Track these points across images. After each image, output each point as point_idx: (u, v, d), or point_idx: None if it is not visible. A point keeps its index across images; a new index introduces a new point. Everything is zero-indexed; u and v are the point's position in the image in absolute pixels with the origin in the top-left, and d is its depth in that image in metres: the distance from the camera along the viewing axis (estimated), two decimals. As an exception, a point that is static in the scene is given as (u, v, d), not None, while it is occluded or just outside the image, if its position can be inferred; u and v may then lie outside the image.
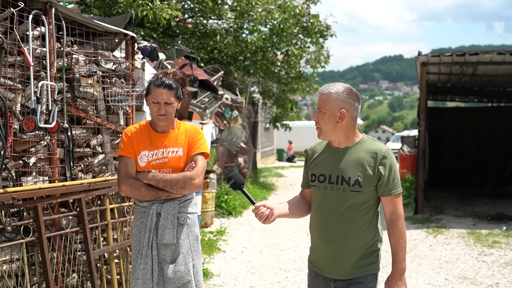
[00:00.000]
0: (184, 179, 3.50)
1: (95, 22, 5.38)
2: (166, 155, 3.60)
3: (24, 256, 4.28)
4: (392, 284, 2.97)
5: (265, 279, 6.49)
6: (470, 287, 6.25)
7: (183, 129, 3.70)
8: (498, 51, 10.12)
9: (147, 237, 3.54)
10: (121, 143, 3.67)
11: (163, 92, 3.52)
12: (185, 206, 3.63)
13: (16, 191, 4.11)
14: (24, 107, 4.39)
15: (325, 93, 3.00)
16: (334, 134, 3.01)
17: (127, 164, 3.58)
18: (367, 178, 2.94)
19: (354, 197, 2.96)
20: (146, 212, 3.56)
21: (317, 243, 3.10)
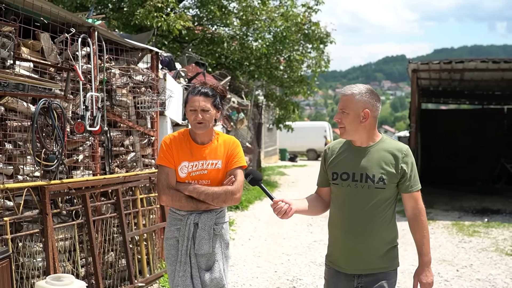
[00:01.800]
0: (226, 193, 3.58)
1: (126, 40, 6.38)
2: (206, 167, 3.65)
3: (75, 235, 5.27)
4: (422, 275, 3.09)
5: (269, 261, 7.46)
6: (447, 267, 7.22)
7: (222, 141, 3.74)
8: (482, 59, 11.10)
9: (185, 245, 3.62)
10: (161, 152, 3.72)
11: (199, 99, 3.59)
12: (221, 216, 3.72)
13: (69, 182, 5.12)
14: (73, 113, 5.38)
15: (348, 94, 3.08)
16: (357, 134, 3.10)
17: (168, 175, 3.64)
18: (390, 175, 3.05)
19: (378, 194, 3.06)
20: (184, 221, 3.65)
21: (340, 240, 3.17)
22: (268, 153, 27.85)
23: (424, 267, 3.09)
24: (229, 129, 12.70)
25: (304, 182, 17.64)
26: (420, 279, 3.09)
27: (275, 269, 7.06)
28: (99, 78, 5.66)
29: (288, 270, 7.00)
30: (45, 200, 4.77)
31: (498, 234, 9.28)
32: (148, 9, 11.38)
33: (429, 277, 3.09)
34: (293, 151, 31.64)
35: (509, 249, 8.16)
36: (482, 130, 17.10)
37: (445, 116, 18.97)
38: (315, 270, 6.96)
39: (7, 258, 3.97)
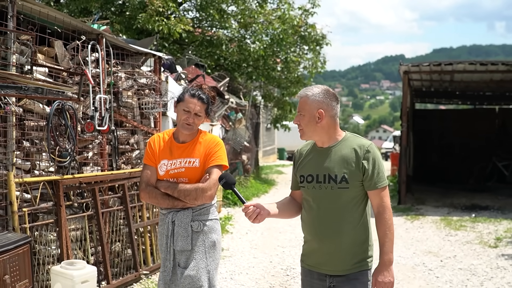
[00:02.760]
0: (196, 190, 3.60)
1: (131, 46, 6.84)
2: (184, 165, 3.69)
3: (86, 226, 5.73)
4: (379, 275, 3.00)
5: (265, 252, 7.92)
6: (432, 258, 7.69)
7: (203, 140, 3.77)
8: (470, 62, 11.58)
9: (165, 243, 3.71)
10: (145, 151, 3.85)
11: (196, 103, 3.66)
12: (201, 214, 3.70)
13: (81, 177, 5.59)
14: (84, 114, 5.84)
15: (303, 96, 3.10)
16: (316, 134, 3.09)
17: (148, 173, 3.75)
18: (352, 173, 3.00)
19: (342, 194, 3.02)
20: (164, 220, 3.73)
21: (311, 242, 3.17)
22: (266, 152, 28.27)
23: (383, 266, 3.00)
24: (228, 129, 13.17)
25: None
26: (377, 278, 3.01)
27: (270, 259, 7.53)
28: (107, 81, 6.12)
29: (282, 261, 7.46)
30: (59, 193, 5.24)
31: (484, 228, 9.75)
32: (150, 13, 11.84)
33: (386, 276, 2.99)
34: (292, 150, 32.03)
35: (493, 242, 8.63)
36: (474, 130, 17.56)
37: (438, 116, 19.47)
38: (308, 260, 7.41)
39: (27, 243, 4.42)
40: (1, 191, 4.76)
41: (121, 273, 6.21)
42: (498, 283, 6.45)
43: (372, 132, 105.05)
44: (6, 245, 4.20)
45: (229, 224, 9.79)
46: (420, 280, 6.62)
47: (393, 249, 3.01)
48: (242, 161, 14.64)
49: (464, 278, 6.65)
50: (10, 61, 4.79)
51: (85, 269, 4.97)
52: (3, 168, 4.79)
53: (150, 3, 11.89)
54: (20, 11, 5.00)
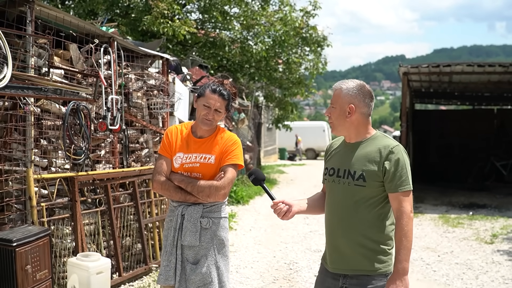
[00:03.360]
0: (210, 188, 3.56)
1: (140, 48, 7.12)
2: (199, 160, 3.65)
3: (98, 220, 6.00)
4: (391, 284, 2.85)
5: (269, 248, 8.19)
6: (430, 253, 7.96)
7: (221, 137, 3.73)
8: (468, 63, 11.86)
9: (172, 236, 3.66)
10: (162, 142, 3.80)
11: (217, 99, 3.64)
12: (212, 211, 3.67)
13: (94, 174, 5.86)
14: (96, 114, 6.11)
15: (337, 89, 3.06)
16: (344, 129, 3.04)
17: (163, 164, 3.70)
18: (371, 173, 2.92)
19: (359, 191, 2.94)
20: (174, 212, 3.69)
21: (327, 237, 3.13)
22: (267, 152, 28.52)
23: (396, 275, 2.84)
24: (231, 128, 13.44)
25: (302, 180, 18.40)
26: (389, 286, 2.85)
27: (273, 254, 7.80)
28: (118, 82, 6.40)
29: (285, 256, 7.73)
30: (74, 189, 5.51)
31: (481, 226, 10.02)
32: (155, 16, 12.10)
33: (399, 286, 2.82)
34: (292, 150, 32.31)
35: (489, 238, 8.90)
36: (473, 130, 17.85)
37: (437, 116, 19.76)
38: (310, 255, 7.69)
39: (47, 236, 4.69)
40: (20, 187, 5.03)
41: (131, 267, 6.48)
42: (492, 277, 6.72)
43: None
44: (28, 237, 4.47)
45: (233, 221, 10.06)
46: (418, 274, 6.89)
47: (409, 258, 2.85)
48: (244, 160, 14.91)
49: (460, 272, 6.92)
50: (29, 63, 5.05)
51: (100, 261, 5.24)
52: (22, 165, 5.06)
53: (156, 5, 12.15)
54: (38, 16, 5.26)
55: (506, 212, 11.59)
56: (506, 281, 6.54)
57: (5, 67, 4.48)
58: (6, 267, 4.35)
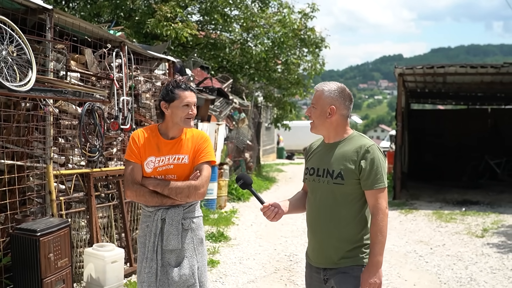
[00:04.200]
0: (189, 188, 3.50)
1: (149, 52, 7.51)
2: (172, 161, 3.58)
3: (111, 214, 6.40)
4: (366, 276, 2.99)
5: (269, 241, 8.60)
6: (423, 246, 8.37)
7: (190, 136, 3.69)
8: (461, 64, 12.29)
9: (152, 241, 3.56)
10: (128, 148, 3.67)
11: (192, 95, 3.61)
12: (190, 211, 3.63)
13: (107, 170, 6.26)
14: (108, 114, 6.51)
15: (319, 90, 3.15)
16: (324, 129, 3.15)
17: (134, 170, 3.58)
18: (349, 171, 3.03)
19: (337, 190, 3.06)
20: (152, 217, 3.58)
21: (308, 234, 3.26)
22: (266, 151, 28.86)
23: (371, 267, 2.99)
24: (231, 128, 13.85)
25: (300, 178, 18.68)
26: (364, 278, 3.00)
27: (274, 247, 8.20)
28: (128, 84, 6.80)
29: (285, 249, 8.14)
30: (90, 184, 5.91)
31: (472, 221, 10.44)
32: (158, 19, 12.49)
33: (372, 278, 2.97)
34: (290, 149, 32.67)
35: (480, 233, 9.32)
36: (468, 129, 18.27)
37: (432, 115, 20.20)
38: (309, 248, 8.08)
39: (67, 227, 5.09)
40: (41, 182, 5.43)
41: (140, 258, 6.86)
42: (481, 267, 7.14)
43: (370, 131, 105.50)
44: (50, 227, 4.87)
45: (234, 217, 10.46)
46: (411, 264, 7.30)
47: (383, 252, 3.02)
48: (245, 159, 15.32)
49: (450, 263, 7.34)
50: (48, 67, 5.45)
51: (115, 251, 5.66)
52: (42, 161, 5.46)
53: (159, 9, 12.54)
54: (56, 23, 5.66)
55: (498, 208, 12.01)
56: (493, 271, 6.95)
57: (30, 71, 4.87)
58: (31, 255, 4.75)
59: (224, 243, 8.31)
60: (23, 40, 4.90)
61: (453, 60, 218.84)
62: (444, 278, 6.66)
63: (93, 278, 5.58)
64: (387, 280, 6.53)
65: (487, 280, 6.58)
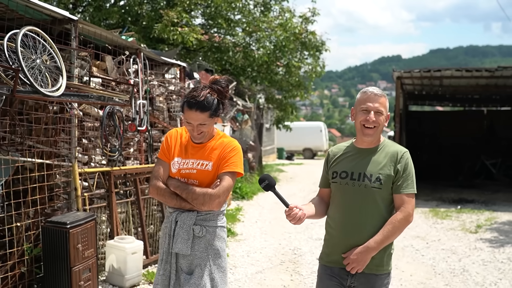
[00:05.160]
0: (204, 196, 3.39)
1: (162, 58, 8.00)
2: (196, 166, 3.50)
3: (129, 209, 6.88)
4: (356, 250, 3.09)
5: (274, 237, 9.08)
6: (419, 241, 8.86)
7: (219, 143, 3.55)
8: (456, 68, 12.82)
9: (167, 243, 3.53)
10: (161, 145, 3.66)
11: (196, 115, 3.37)
12: (206, 219, 3.49)
13: (126, 169, 6.74)
14: (126, 116, 6.98)
15: (384, 96, 3.20)
16: (378, 134, 3.22)
17: (160, 168, 3.56)
18: (387, 176, 3.10)
19: (375, 194, 3.09)
20: (169, 218, 3.55)
21: (336, 238, 3.20)
22: (266, 152, 29.26)
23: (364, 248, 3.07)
24: (235, 129, 14.34)
25: (301, 178, 19.32)
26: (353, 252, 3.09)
27: (279, 242, 8.68)
28: (144, 88, 7.27)
29: (290, 243, 8.61)
30: (111, 182, 6.39)
31: (467, 218, 10.93)
32: (165, 24, 12.97)
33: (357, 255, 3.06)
34: (290, 150, 33.14)
35: (473, 229, 9.81)
36: (464, 130, 18.79)
37: (430, 117, 20.73)
38: (312, 243, 8.57)
39: (93, 220, 5.56)
40: (66, 179, 5.90)
41: (154, 251, 7.34)
42: (474, 260, 7.62)
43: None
44: (78, 220, 5.34)
45: (239, 214, 10.94)
46: (408, 258, 7.78)
47: (383, 244, 3.05)
48: (248, 159, 15.81)
49: (445, 256, 7.82)
50: (73, 73, 5.92)
51: (134, 243, 6.13)
52: (68, 160, 5.93)
53: (166, 14, 13.03)
54: (81, 32, 6.14)
55: (492, 206, 12.51)
56: (485, 263, 7.44)
57: (60, 77, 5.34)
58: (61, 246, 5.22)
59: (231, 238, 8.79)
60: (54, 49, 5.36)
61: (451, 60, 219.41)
62: (438, 269, 7.14)
63: (114, 268, 6.06)
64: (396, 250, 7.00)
65: (478, 271, 7.06)
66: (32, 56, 5.06)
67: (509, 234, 9.32)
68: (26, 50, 5.02)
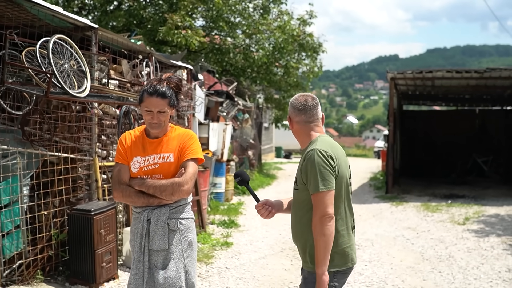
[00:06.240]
0: (173, 185, 3.44)
1: (171, 61, 8.62)
2: (157, 161, 3.54)
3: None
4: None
5: (275, 228, 9.71)
6: (410, 232, 9.50)
7: (176, 134, 3.64)
8: (447, 70, 13.50)
9: (138, 242, 3.53)
10: (117, 149, 3.66)
11: (156, 101, 3.46)
12: (177, 212, 3.56)
13: (139, 163, 7.35)
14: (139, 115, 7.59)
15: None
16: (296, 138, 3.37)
17: (120, 171, 3.56)
18: (299, 177, 3.19)
19: (298, 196, 3.20)
20: (139, 218, 3.55)
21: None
22: (264, 150, 29.79)
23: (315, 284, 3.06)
24: (236, 128, 14.96)
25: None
26: None
27: (279, 232, 9.32)
28: (155, 89, 7.88)
29: (289, 234, 9.12)
30: (127, 174, 7.00)
31: (456, 211, 11.58)
32: (169, 27, 13.59)
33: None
34: (288, 149, 33.75)
35: (462, 221, 10.45)
36: (457, 129, 19.42)
37: (424, 116, 21.39)
38: (310, 233, 9.19)
39: (114, 208, 6.19)
40: (87, 172, 6.52)
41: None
42: (459, 247, 8.27)
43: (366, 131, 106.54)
44: (101, 208, 5.97)
45: (241, 208, 11.57)
46: (399, 246, 8.42)
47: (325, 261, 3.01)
48: (248, 156, 16.46)
49: (433, 244, 8.47)
50: (93, 76, 6.54)
51: (149, 229, 6.74)
52: (89, 155, 6.55)
53: (170, 18, 13.64)
54: (100, 38, 6.76)
55: (481, 201, 13.15)
56: (470, 251, 8.08)
57: (85, 80, 5.97)
58: (86, 231, 5.84)
59: (235, 229, 9.42)
60: (79, 55, 5.99)
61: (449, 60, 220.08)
62: (426, 255, 7.78)
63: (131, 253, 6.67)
64: (377, 257, 7.65)
65: (463, 257, 7.70)
66: (60, 61, 5.69)
67: (495, 226, 9.97)
68: (56, 56, 5.64)
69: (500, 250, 8.07)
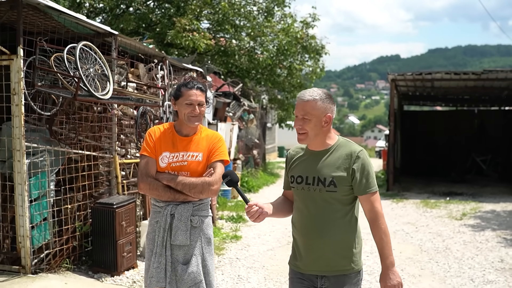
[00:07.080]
0: (203, 184, 3.55)
1: (182, 64, 9.10)
2: (186, 158, 3.62)
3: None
4: (385, 278, 3.02)
5: (281, 223, 10.14)
6: (410, 226, 9.98)
7: (205, 135, 3.74)
8: (446, 72, 13.97)
9: (161, 236, 3.59)
10: (144, 143, 3.71)
11: (197, 93, 3.61)
12: (200, 209, 3.67)
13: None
14: (154, 116, 8.08)
15: (310, 100, 3.01)
16: (317, 139, 3.07)
17: (148, 163, 3.61)
18: (341, 178, 3.00)
19: (330, 197, 3.02)
20: (162, 212, 3.62)
21: (300, 242, 3.17)
22: (268, 150, 30.21)
23: (387, 270, 3.03)
24: (241, 128, 15.46)
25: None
26: (385, 282, 3.03)
27: (285, 227, 9.79)
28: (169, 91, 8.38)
29: (295, 228, 9.70)
30: (144, 171, 7.48)
31: (454, 208, 12.06)
32: (178, 30, 14.07)
33: (393, 279, 3.02)
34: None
35: (459, 216, 10.93)
36: (456, 129, 19.89)
37: (424, 116, 21.87)
38: (314, 228, 9.67)
39: (133, 202, 6.67)
40: (108, 169, 7.00)
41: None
42: (456, 240, 8.74)
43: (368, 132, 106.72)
44: (122, 202, 6.45)
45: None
46: (399, 239, 8.90)
47: (392, 251, 3.06)
48: (253, 155, 16.95)
49: (431, 238, 8.95)
50: (113, 79, 7.02)
51: (165, 222, 7.23)
52: (109, 153, 7.03)
53: (178, 21, 14.13)
54: (119, 44, 7.24)
55: (479, 198, 13.63)
56: (465, 243, 8.56)
57: (108, 83, 6.45)
58: (109, 223, 6.31)
59: (243, 223, 9.90)
60: (102, 60, 6.47)
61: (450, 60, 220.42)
62: (424, 248, 8.26)
63: (147, 244, 7.15)
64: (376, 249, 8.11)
65: (459, 249, 8.17)
66: (85, 66, 6.17)
67: (491, 221, 10.44)
68: (81, 61, 6.12)
69: (495, 243, 8.54)
